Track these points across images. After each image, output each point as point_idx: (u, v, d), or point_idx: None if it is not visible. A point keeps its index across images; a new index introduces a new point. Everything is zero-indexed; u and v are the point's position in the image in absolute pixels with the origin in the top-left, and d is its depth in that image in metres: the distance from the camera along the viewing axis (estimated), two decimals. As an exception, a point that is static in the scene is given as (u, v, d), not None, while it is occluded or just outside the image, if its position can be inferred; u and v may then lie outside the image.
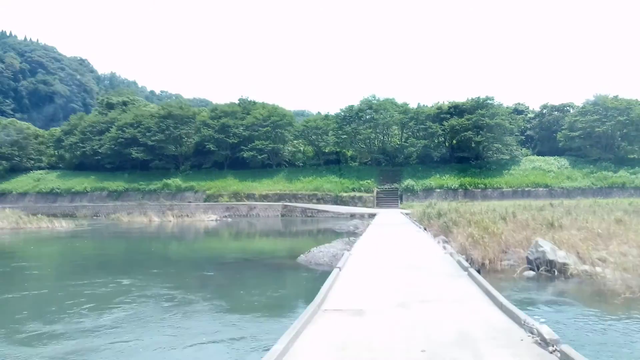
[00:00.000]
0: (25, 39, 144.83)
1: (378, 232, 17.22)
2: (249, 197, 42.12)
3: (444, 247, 11.47)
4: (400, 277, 7.75)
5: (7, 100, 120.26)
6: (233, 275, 12.42)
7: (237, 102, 53.59)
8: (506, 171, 44.27)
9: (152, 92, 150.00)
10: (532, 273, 9.96)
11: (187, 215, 35.93)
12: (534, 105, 68.94)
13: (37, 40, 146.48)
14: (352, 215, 35.04)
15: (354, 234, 20.06)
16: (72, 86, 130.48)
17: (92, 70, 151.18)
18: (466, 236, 12.09)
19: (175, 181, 44.69)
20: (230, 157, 48.30)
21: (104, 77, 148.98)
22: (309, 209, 39.16)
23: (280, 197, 41.84)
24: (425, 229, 17.26)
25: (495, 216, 14.92)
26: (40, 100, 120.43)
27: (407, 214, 29.26)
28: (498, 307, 5.52)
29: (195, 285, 11.05)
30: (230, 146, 47.63)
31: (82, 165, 50.88)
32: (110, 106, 55.47)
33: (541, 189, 40.73)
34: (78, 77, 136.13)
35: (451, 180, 42.29)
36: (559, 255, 9.88)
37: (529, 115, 55.80)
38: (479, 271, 8.20)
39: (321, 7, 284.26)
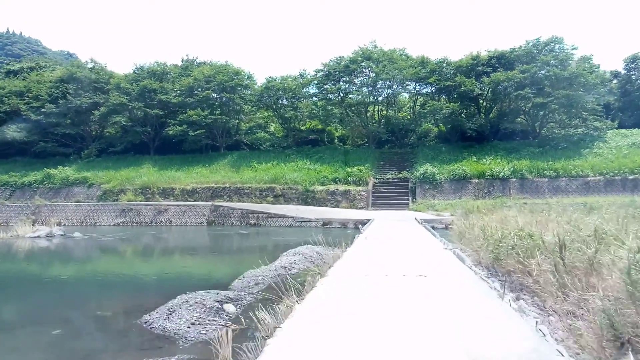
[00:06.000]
0: (8, 31, 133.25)
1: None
2: (166, 193, 26.02)
3: None
4: None
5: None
6: None
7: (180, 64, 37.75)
8: (587, 150, 27.17)
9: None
10: None
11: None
12: (608, 63, 50.00)
13: (20, 33, 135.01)
14: (326, 224, 20.39)
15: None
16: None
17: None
18: None
19: (64, 171, 28.89)
20: (156, 136, 32.27)
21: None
22: (254, 212, 22.84)
23: (215, 194, 25.62)
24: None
25: None
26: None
27: (426, 222, 15.02)
28: None
29: None
30: (157, 120, 31.65)
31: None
32: (11, 74, 40.31)
33: (659, 176, 23.60)
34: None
35: (497, 165, 25.55)
36: None
37: (601, 75, 38.02)
38: None
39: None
